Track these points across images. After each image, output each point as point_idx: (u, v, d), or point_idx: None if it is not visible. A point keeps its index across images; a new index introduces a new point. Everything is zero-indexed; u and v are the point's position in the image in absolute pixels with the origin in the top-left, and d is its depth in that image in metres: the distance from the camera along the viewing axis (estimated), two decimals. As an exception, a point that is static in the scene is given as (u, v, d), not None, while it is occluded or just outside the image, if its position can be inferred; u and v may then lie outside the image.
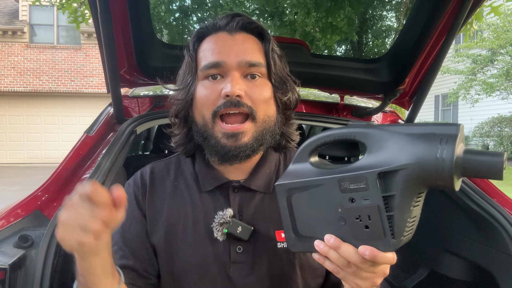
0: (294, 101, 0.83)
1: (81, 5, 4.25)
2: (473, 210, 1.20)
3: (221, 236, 0.75)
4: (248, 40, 0.78)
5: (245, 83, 0.75)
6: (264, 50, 0.79)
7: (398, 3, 3.49)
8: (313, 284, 0.80)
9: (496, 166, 0.49)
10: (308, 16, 2.79)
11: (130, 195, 0.81)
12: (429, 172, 0.50)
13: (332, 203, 0.57)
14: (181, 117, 0.82)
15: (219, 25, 0.79)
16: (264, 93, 0.77)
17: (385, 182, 0.53)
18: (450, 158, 0.49)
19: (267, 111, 0.78)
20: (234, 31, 0.78)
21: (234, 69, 0.75)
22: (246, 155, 0.76)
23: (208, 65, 0.76)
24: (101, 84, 12.72)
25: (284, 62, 0.83)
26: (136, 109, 1.66)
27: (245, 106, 0.73)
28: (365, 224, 0.55)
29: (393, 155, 0.53)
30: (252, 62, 0.75)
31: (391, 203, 0.53)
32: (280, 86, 0.80)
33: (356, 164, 0.56)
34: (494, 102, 10.66)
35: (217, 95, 0.74)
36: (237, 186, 0.80)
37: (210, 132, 0.76)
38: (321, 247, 0.58)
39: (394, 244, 0.54)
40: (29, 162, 12.54)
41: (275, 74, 0.79)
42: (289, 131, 0.85)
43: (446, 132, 0.50)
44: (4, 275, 0.85)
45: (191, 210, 0.80)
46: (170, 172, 0.86)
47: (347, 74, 1.60)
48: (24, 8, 12.70)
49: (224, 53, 0.75)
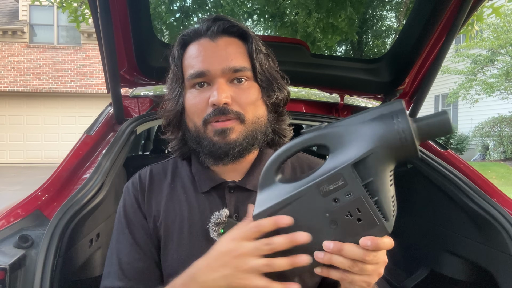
0: (283, 98, 0.83)
1: (81, 5, 4.25)
2: (473, 210, 1.20)
3: (217, 236, 0.75)
4: (231, 44, 0.78)
5: (231, 89, 0.75)
6: (248, 52, 0.78)
7: (398, 3, 3.49)
8: (310, 283, 0.81)
9: (445, 123, 0.54)
10: (309, 17, 2.79)
11: (132, 201, 0.83)
12: (395, 146, 0.54)
13: (317, 211, 0.57)
14: (173, 124, 0.83)
15: (200, 31, 0.79)
16: (250, 96, 0.77)
17: (359, 172, 0.55)
18: (408, 127, 0.53)
19: (256, 113, 0.78)
20: (215, 36, 0.77)
21: (218, 76, 0.75)
22: (237, 153, 0.76)
23: (193, 74, 0.76)
24: (101, 84, 12.72)
25: (271, 60, 0.83)
26: (136, 109, 1.66)
27: (231, 113, 0.74)
28: (356, 218, 0.55)
29: (358, 145, 0.55)
30: (236, 68, 0.75)
31: (372, 188, 0.55)
32: (268, 86, 0.80)
33: (326, 167, 0.57)
34: (494, 102, 10.65)
35: (205, 104, 0.75)
36: (233, 187, 0.81)
37: (202, 136, 0.77)
38: (322, 256, 0.57)
39: (388, 226, 0.56)
40: (29, 162, 12.54)
41: (261, 75, 0.79)
42: (281, 128, 0.86)
43: (393, 109, 0.55)
44: (4, 275, 0.85)
45: (187, 211, 0.80)
46: (167, 174, 0.86)
47: (347, 74, 1.60)
48: (24, 8, 12.70)
49: (207, 61, 0.75)
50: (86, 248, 1.10)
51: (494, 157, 10.22)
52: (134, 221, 0.81)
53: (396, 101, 0.56)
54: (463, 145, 11.46)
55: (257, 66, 0.78)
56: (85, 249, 1.10)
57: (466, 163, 1.45)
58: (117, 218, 0.84)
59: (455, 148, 11.31)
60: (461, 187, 1.25)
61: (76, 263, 1.03)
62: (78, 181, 1.19)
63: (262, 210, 0.59)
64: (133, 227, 0.81)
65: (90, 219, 1.08)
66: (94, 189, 1.07)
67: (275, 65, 0.84)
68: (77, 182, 1.18)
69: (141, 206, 0.82)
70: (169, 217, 0.80)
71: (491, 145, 10.43)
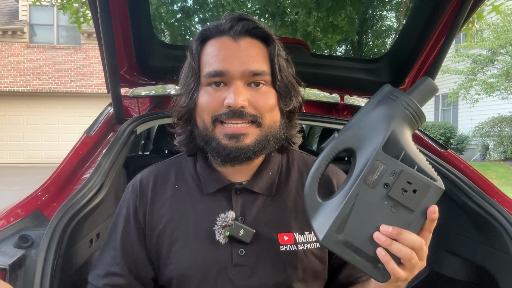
0: (298, 105, 0.82)
1: (82, 5, 4.25)
2: (473, 210, 1.20)
3: (223, 239, 0.75)
4: (253, 46, 0.76)
5: (248, 92, 0.74)
6: (269, 56, 0.77)
7: (398, 3, 3.49)
8: (313, 285, 0.80)
9: (431, 85, 0.64)
10: (309, 16, 2.79)
11: (128, 206, 0.83)
12: (405, 116, 0.61)
13: (375, 203, 0.59)
14: (184, 120, 0.81)
15: (223, 29, 0.76)
16: (268, 101, 0.75)
17: (390, 152, 0.59)
18: (409, 99, 0.62)
19: (273, 118, 0.77)
20: (238, 36, 0.75)
21: (237, 78, 0.73)
22: (248, 157, 0.75)
23: (211, 73, 0.74)
24: (101, 84, 12.72)
25: (290, 65, 0.81)
26: (136, 109, 1.66)
27: (248, 116, 0.73)
28: (412, 189, 0.58)
29: (376, 132, 0.61)
30: (256, 71, 0.74)
31: (408, 159, 0.59)
32: (285, 93, 0.78)
33: (360, 164, 0.60)
34: (494, 102, 10.64)
35: (220, 103, 0.74)
36: (240, 188, 0.80)
37: (210, 135, 0.75)
38: (383, 239, 0.58)
39: (440, 184, 0.60)
40: (29, 162, 12.53)
41: (279, 81, 0.77)
42: (291, 134, 0.84)
43: (386, 91, 0.64)
44: (4, 275, 0.85)
45: (192, 213, 0.79)
46: (171, 175, 0.85)
47: (347, 74, 1.60)
48: (24, 8, 12.70)
49: (227, 62, 0.73)
50: (86, 248, 1.10)
51: (494, 157, 10.22)
52: (128, 230, 0.81)
53: (383, 86, 0.64)
54: (463, 145, 11.45)
55: (277, 72, 0.76)
56: (85, 249, 1.10)
57: (466, 163, 1.45)
58: (114, 218, 0.85)
59: (455, 148, 11.31)
60: (461, 187, 1.25)
61: (76, 263, 1.03)
62: (78, 181, 1.19)
63: (326, 231, 0.59)
64: (125, 235, 0.81)
65: (90, 219, 1.08)
66: (94, 189, 1.07)
67: (293, 70, 0.82)
68: (77, 182, 1.18)
69: (138, 214, 0.82)
70: (174, 219, 0.79)
71: (491, 145, 10.43)
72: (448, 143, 11.28)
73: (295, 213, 0.79)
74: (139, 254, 0.81)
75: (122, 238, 0.81)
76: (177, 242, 0.78)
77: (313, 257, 0.78)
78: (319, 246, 0.79)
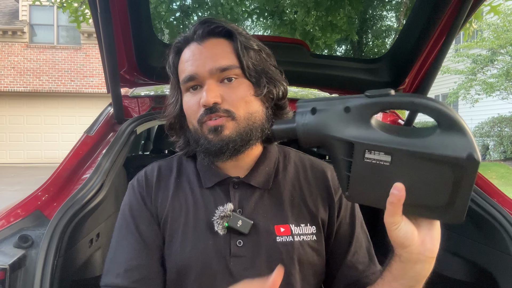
0: (280, 92, 0.83)
1: (81, 5, 4.25)
2: (473, 210, 1.20)
3: (222, 229, 0.77)
4: (217, 45, 0.79)
5: (221, 88, 0.77)
6: (235, 51, 0.79)
7: (398, 3, 3.50)
8: (312, 281, 0.81)
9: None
10: (308, 15, 2.80)
11: (138, 197, 0.84)
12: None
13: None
14: (176, 128, 0.87)
15: (189, 36, 0.81)
16: (239, 93, 0.78)
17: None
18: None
19: (248, 109, 0.78)
20: (202, 40, 0.80)
21: (207, 77, 0.77)
22: (233, 149, 0.77)
23: (184, 79, 0.79)
24: (101, 84, 12.72)
25: (265, 54, 0.83)
26: (136, 109, 1.66)
27: (220, 111, 0.76)
28: None
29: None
30: (222, 67, 0.77)
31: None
32: (257, 81, 0.80)
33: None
34: (494, 102, 10.65)
35: (198, 106, 0.78)
36: (237, 182, 0.82)
37: (200, 135, 0.79)
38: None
39: None
40: (29, 162, 12.54)
41: (251, 70, 0.79)
42: None
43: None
44: (4, 275, 0.85)
45: (193, 206, 0.81)
46: (173, 170, 0.88)
47: (347, 74, 1.60)
48: (24, 8, 12.70)
49: (195, 65, 0.78)
50: (86, 248, 1.10)
51: (494, 157, 10.23)
52: (140, 218, 0.82)
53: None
54: (463, 145, 11.45)
55: (245, 63, 0.78)
56: (85, 249, 1.10)
57: (466, 163, 1.45)
58: (121, 215, 0.84)
59: (455, 148, 11.30)
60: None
61: (76, 263, 1.03)
62: (78, 181, 1.19)
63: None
64: (139, 224, 0.81)
65: (90, 219, 1.08)
66: (94, 189, 1.07)
67: (271, 59, 0.85)
68: (77, 182, 1.18)
69: (147, 203, 0.83)
70: (175, 211, 0.81)
71: (491, 145, 10.43)
72: (448, 143, 11.27)
73: (291, 206, 0.82)
74: (158, 242, 0.81)
75: (137, 229, 0.81)
76: (177, 233, 0.79)
77: (310, 249, 0.80)
78: (315, 239, 0.81)
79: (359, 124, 0.57)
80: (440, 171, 0.53)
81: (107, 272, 0.79)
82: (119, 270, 0.78)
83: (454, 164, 0.52)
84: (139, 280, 0.77)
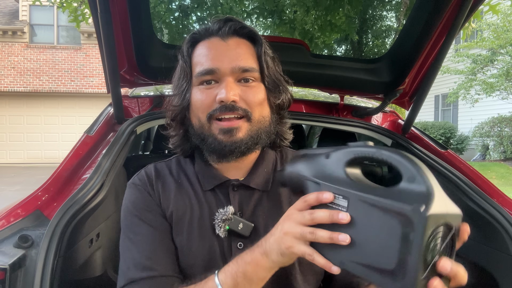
0: (287, 101, 0.86)
1: (81, 4, 4.25)
2: (473, 210, 1.20)
3: (223, 232, 0.77)
4: (241, 45, 0.80)
5: (239, 87, 0.77)
6: (257, 54, 0.80)
7: (398, 3, 3.50)
8: (312, 280, 0.82)
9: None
10: (307, 15, 2.81)
11: (142, 192, 0.83)
12: None
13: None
14: (177, 120, 0.85)
15: (212, 30, 0.81)
16: (258, 96, 0.79)
17: None
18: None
19: (262, 112, 0.80)
20: (226, 36, 0.80)
21: (227, 75, 0.77)
22: (242, 152, 0.78)
23: (202, 71, 0.78)
24: (101, 84, 12.72)
25: (276, 63, 0.85)
26: (136, 109, 1.66)
27: (239, 110, 0.76)
28: None
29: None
30: (245, 68, 0.77)
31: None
32: (273, 88, 0.82)
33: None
34: (494, 102, 10.64)
35: (212, 100, 0.77)
36: (237, 185, 0.82)
37: (207, 133, 0.78)
38: None
39: None
40: (29, 162, 12.53)
41: (268, 77, 0.81)
42: (282, 130, 0.88)
43: None
44: (4, 275, 0.85)
45: (197, 205, 0.81)
46: (172, 171, 0.87)
47: (347, 74, 1.60)
48: (24, 8, 12.69)
49: (217, 60, 0.77)
50: (86, 248, 1.10)
51: (494, 157, 10.22)
52: (147, 209, 0.80)
53: None
54: (463, 145, 11.46)
55: (265, 68, 0.80)
56: (85, 249, 1.10)
57: (466, 163, 1.45)
58: (126, 214, 0.82)
59: (455, 148, 11.31)
60: (461, 187, 1.25)
61: (76, 263, 1.03)
62: (78, 181, 1.19)
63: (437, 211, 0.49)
64: (147, 215, 0.79)
65: (90, 219, 1.08)
66: (94, 189, 1.07)
67: (279, 68, 0.86)
68: (77, 182, 1.18)
69: (152, 195, 0.82)
70: (179, 210, 0.81)
71: (491, 145, 10.43)
72: (448, 143, 11.29)
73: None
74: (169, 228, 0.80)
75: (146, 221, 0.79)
76: (182, 232, 0.79)
77: None
78: None
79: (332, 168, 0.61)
80: (388, 223, 0.50)
81: (128, 270, 0.75)
82: (145, 263, 0.75)
83: (400, 214, 0.49)
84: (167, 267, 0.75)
